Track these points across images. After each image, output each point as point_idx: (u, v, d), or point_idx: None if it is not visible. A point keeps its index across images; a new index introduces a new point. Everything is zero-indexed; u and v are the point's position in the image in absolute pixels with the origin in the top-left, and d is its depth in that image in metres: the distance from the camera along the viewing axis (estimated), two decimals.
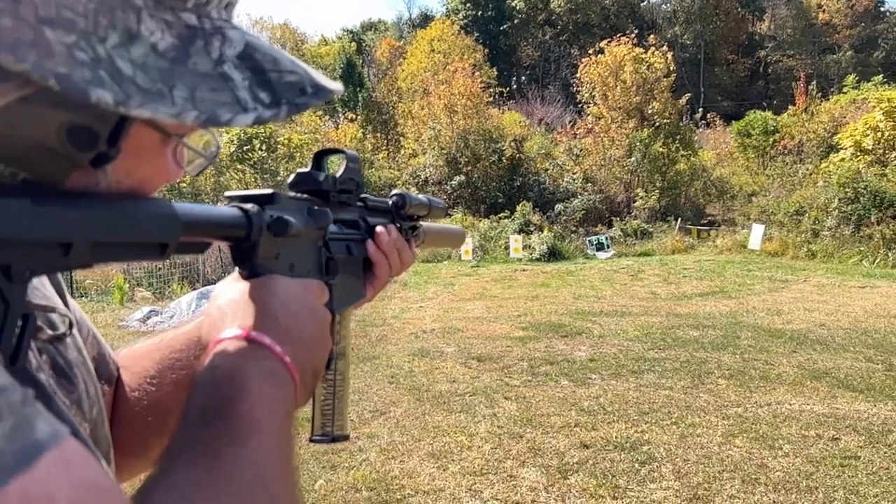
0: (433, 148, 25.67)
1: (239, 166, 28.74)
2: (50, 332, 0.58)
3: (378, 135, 32.71)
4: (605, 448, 4.86)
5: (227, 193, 0.62)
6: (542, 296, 12.37)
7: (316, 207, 0.70)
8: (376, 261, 0.85)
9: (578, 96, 27.15)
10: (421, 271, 17.01)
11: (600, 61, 25.08)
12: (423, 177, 25.16)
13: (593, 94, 25.51)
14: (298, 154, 27.82)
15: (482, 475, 4.48)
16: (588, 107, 26.05)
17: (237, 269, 0.63)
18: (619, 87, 24.49)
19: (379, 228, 0.85)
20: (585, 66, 25.77)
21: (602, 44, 25.69)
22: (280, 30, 47.65)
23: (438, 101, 26.43)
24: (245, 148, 27.33)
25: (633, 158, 23.61)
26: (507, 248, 19.10)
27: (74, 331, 0.64)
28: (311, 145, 28.89)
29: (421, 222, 1.01)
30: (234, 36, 0.50)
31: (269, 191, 0.62)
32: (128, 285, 14.16)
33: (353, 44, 43.59)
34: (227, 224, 0.58)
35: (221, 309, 0.60)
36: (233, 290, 0.61)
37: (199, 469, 0.46)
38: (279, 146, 27.82)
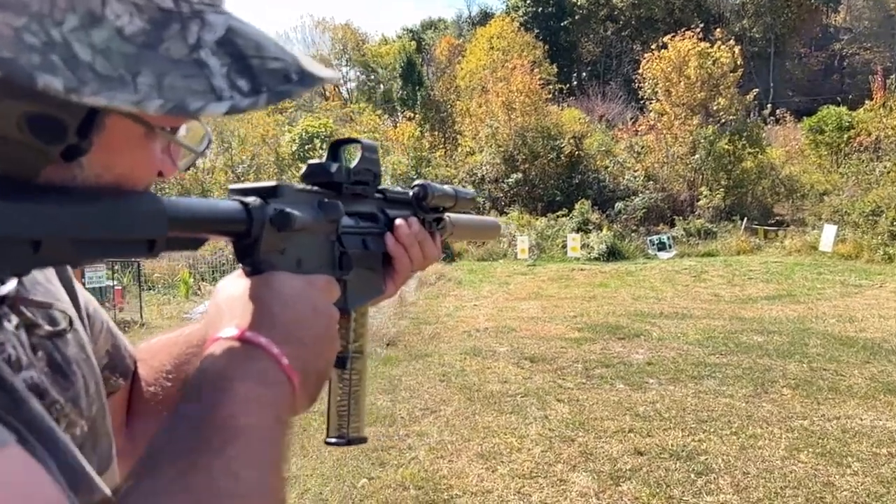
0: (490, 146, 25.57)
1: (300, 165, 29.33)
2: (48, 328, 0.56)
3: (436, 133, 32.79)
4: (659, 456, 4.70)
5: (231, 186, 0.59)
6: (599, 296, 12.14)
7: (326, 200, 0.66)
8: (395, 255, 0.81)
9: (640, 92, 26.55)
10: (476, 269, 16.98)
11: (663, 56, 24.44)
12: (479, 174, 25.10)
13: (656, 90, 24.87)
14: None
15: (531, 478, 4.40)
16: (650, 103, 25.41)
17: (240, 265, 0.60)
18: (682, 83, 23.80)
19: (398, 221, 0.81)
20: (648, 61, 25.16)
21: (665, 39, 25.02)
22: (342, 30, 48.36)
23: (496, 99, 26.30)
24: (306, 147, 27.88)
25: (696, 156, 22.94)
26: (564, 246, 18.85)
27: (78, 326, 0.63)
28: None
29: (449, 214, 0.97)
30: (216, 20, 0.47)
31: (274, 183, 0.59)
32: (193, 279, 14.63)
33: (413, 43, 43.85)
34: (223, 218, 0.55)
35: (220, 307, 0.57)
36: (234, 286, 0.58)
37: (170, 479, 0.43)
38: None
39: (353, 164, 0.74)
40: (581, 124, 27.57)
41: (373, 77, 46.14)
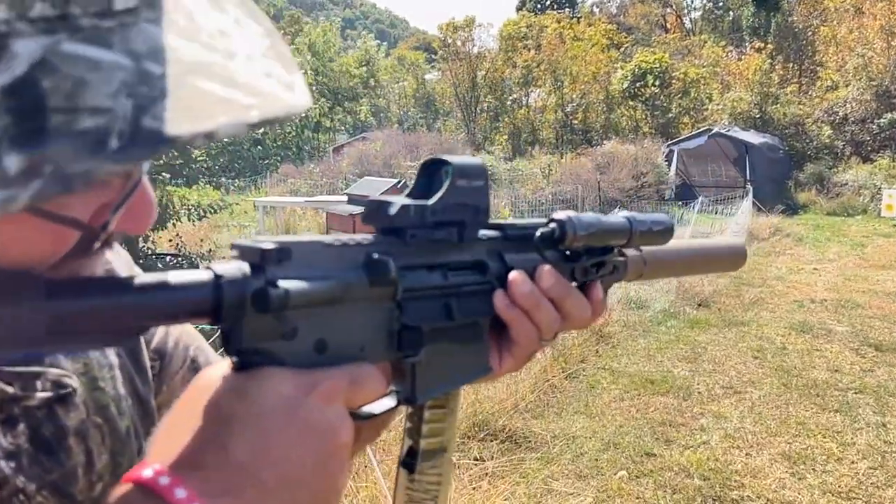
0: (860, 79, 21.53)
1: (630, 103, 28.35)
2: (42, 395, 0.49)
3: (789, 65, 28.75)
4: None
5: (235, 242, 0.44)
6: None
7: (376, 256, 0.48)
8: (510, 321, 0.58)
9: None
10: (823, 225, 14.70)
11: None
12: (841, 113, 21.47)
13: None
14: (694, 89, 26.13)
15: (849, 499, 3.66)
16: None
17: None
18: None
19: (513, 275, 0.58)
20: None
21: None
22: None
23: (873, 23, 21.89)
24: (637, 84, 26.74)
25: None
26: None
27: (106, 383, 0.56)
28: (710, 80, 26.84)
29: (632, 250, 0.70)
30: (25, 49, 0.31)
31: (285, 240, 0.43)
32: (512, 217, 15.36)
33: None
34: (175, 301, 0.39)
35: (173, 416, 0.43)
36: (206, 385, 0.42)
37: None
38: (674, 81, 26.49)
39: (435, 198, 0.53)
40: None
41: (721, 3, 41.98)
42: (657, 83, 26.73)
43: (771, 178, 17.81)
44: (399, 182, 11.42)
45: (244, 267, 0.42)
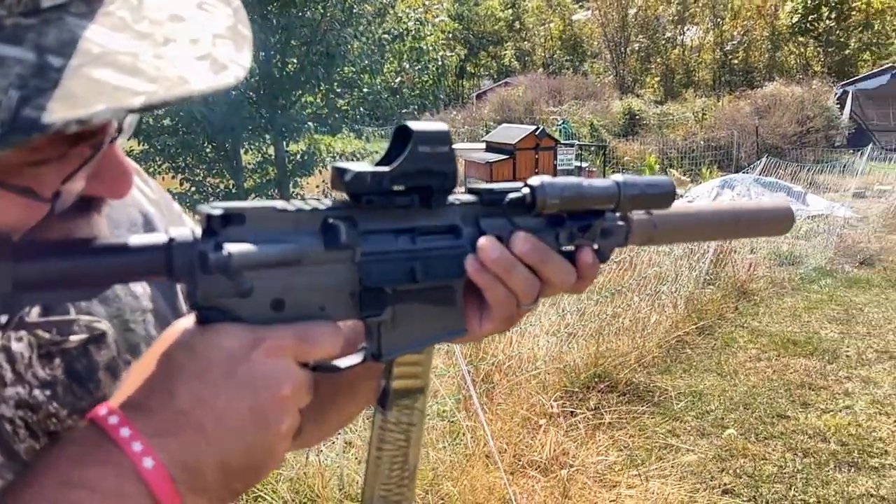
0: None
1: (800, 39, 25.67)
2: (76, 338, 0.57)
3: None
4: None
5: (199, 207, 0.48)
6: None
7: (331, 220, 0.51)
8: (482, 285, 0.58)
9: None
10: None
11: None
12: None
13: None
14: (878, 21, 23.08)
15: None
16: None
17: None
18: None
19: (482, 241, 0.58)
20: None
21: None
22: None
23: None
24: (810, 18, 24.10)
25: None
26: None
27: (135, 326, 0.63)
28: None
29: (640, 213, 0.67)
30: None
31: (238, 205, 0.48)
32: (659, 166, 14.64)
33: None
34: (124, 264, 0.45)
35: (133, 366, 0.49)
36: (169, 337, 0.48)
37: None
38: (853, 12, 23.52)
39: (394, 164, 0.54)
40: None
41: None
42: (833, 15, 23.93)
43: None
44: (536, 129, 11.27)
45: (196, 231, 0.46)
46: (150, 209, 0.68)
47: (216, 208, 0.47)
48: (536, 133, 11.13)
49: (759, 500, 3.16)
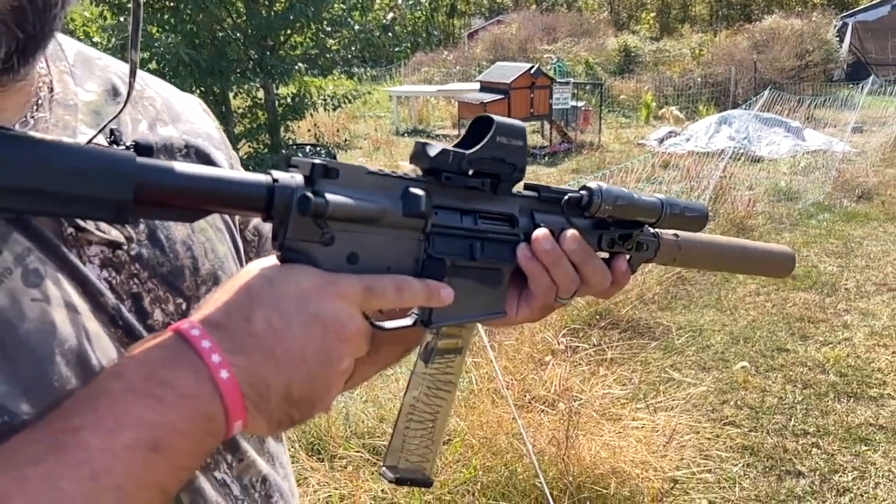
0: None
1: None
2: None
3: None
4: None
5: (295, 159, 0.51)
6: None
7: (412, 190, 0.55)
8: (530, 273, 0.65)
9: None
10: None
11: None
12: None
13: None
14: None
15: None
16: None
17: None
18: None
19: (538, 232, 0.64)
20: None
21: None
22: None
23: None
24: None
25: None
26: None
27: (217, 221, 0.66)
28: None
29: (675, 233, 0.74)
30: None
31: (337, 162, 0.51)
32: (656, 103, 14.42)
33: None
34: (235, 194, 0.47)
35: (219, 290, 0.51)
36: (252, 270, 0.50)
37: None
38: None
39: (474, 149, 0.58)
40: None
41: None
42: None
43: None
44: (531, 68, 11.03)
45: (298, 177, 0.49)
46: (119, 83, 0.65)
47: (317, 160, 0.50)
48: (531, 72, 10.88)
49: (759, 430, 3.21)
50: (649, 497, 2.62)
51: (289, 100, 7.64)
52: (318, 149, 8.30)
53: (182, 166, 0.45)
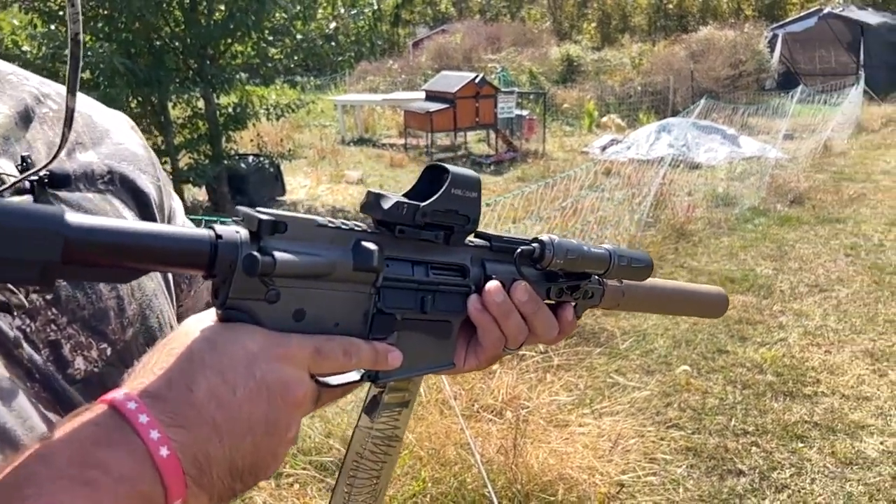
0: None
1: None
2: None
3: None
4: None
5: (238, 208, 0.48)
6: None
7: (363, 243, 0.52)
8: (480, 325, 0.63)
9: None
10: None
11: None
12: None
13: None
14: None
15: None
16: None
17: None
18: None
19: (490, 284, 0.63)
20: None
21: None
22: None
23: None
24: None
25: None
26: None
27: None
28: None
29: (613, 281, 0.75)
30: None
31: (282, 214, 0.48)
32: (598, 112, 14.72)
33: None
34: (175, 251, 0.44)
35: (154, 352, 0.47)
36: (188, 330, 0.47)
37: None
38: None
39: (429, 201, 0.57)
40: None
41: None
42: None
43: (888, 63, 16.21)
44: (476, 77, 11.12)
45: (243, 232, 0.46)
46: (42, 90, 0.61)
47: (264, 213, 0.47)
48: (476, 81, 10.98)
49: (702, 431, 3.29)
50: (596, 502, 2.65)
51: (230, 109, 7.49)
52: (262, 159, 8.16)
53: (116, 222, 0.42)
